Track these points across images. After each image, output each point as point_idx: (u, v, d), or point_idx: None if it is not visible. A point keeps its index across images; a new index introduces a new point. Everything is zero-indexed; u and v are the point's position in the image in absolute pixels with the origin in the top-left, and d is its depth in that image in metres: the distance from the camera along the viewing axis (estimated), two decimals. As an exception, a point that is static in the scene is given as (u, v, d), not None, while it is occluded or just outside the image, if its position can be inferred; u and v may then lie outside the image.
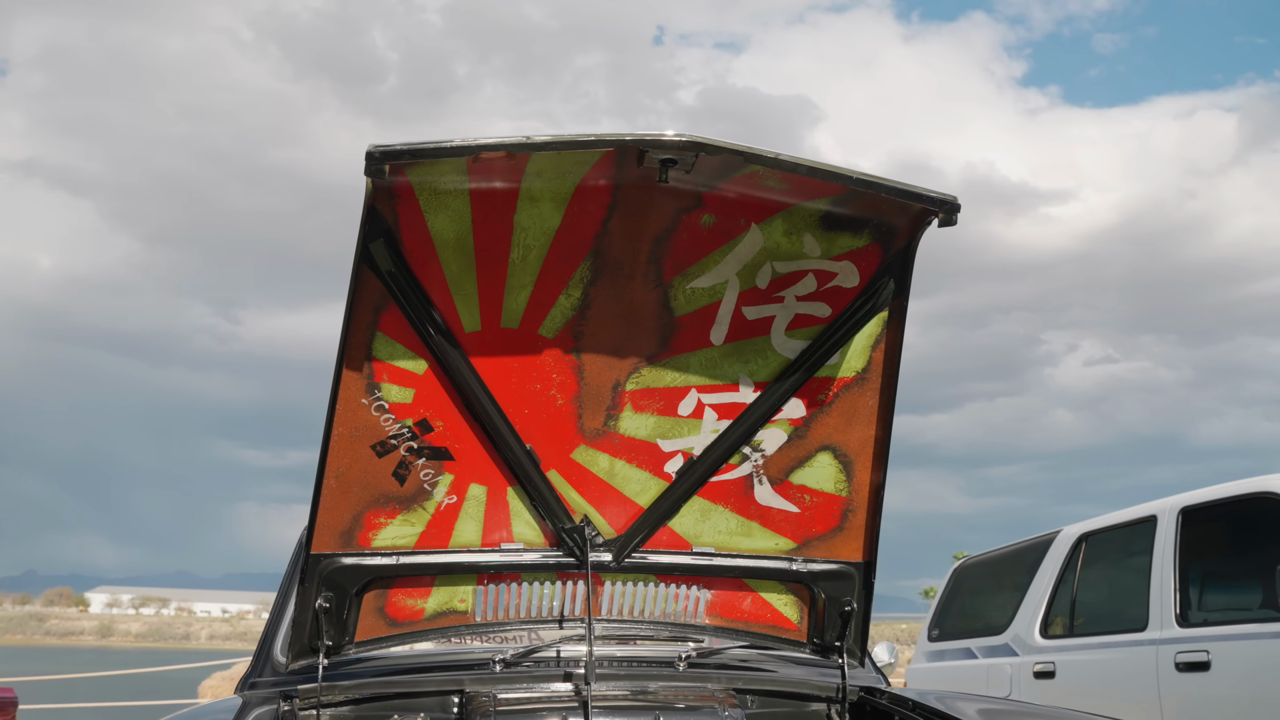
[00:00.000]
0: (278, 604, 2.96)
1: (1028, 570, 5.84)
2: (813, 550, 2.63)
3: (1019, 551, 6.13)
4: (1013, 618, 5.80)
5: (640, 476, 2.50)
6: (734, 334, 2.33)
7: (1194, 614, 4.50)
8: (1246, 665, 4.10)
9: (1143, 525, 4.93)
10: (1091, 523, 5.49)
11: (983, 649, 6.01)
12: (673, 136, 1.86)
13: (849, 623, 2.71)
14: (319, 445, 2.27)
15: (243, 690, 2.75)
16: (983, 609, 6.46)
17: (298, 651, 2.55)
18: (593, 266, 2.18)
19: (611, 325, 2.27)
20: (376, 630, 2.59)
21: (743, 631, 2.76)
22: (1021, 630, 5.66)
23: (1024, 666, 5.50)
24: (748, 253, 2.20)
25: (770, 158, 1.90)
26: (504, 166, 1.96)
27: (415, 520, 2.45)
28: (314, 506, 2.35)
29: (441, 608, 2.61)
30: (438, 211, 2.05)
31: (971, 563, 6.82)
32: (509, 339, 2.25)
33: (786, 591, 2.72)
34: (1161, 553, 4.70)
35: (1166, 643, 4.48)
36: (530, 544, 2.55)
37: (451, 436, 2.36)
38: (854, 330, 2.33)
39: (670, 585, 2.67)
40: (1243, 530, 4.48)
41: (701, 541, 2.61)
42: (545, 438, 2.40)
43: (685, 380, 2.38)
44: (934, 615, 6.80)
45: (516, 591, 2.62)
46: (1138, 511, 5.06)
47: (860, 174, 2.00)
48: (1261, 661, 4.03)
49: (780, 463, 2.51)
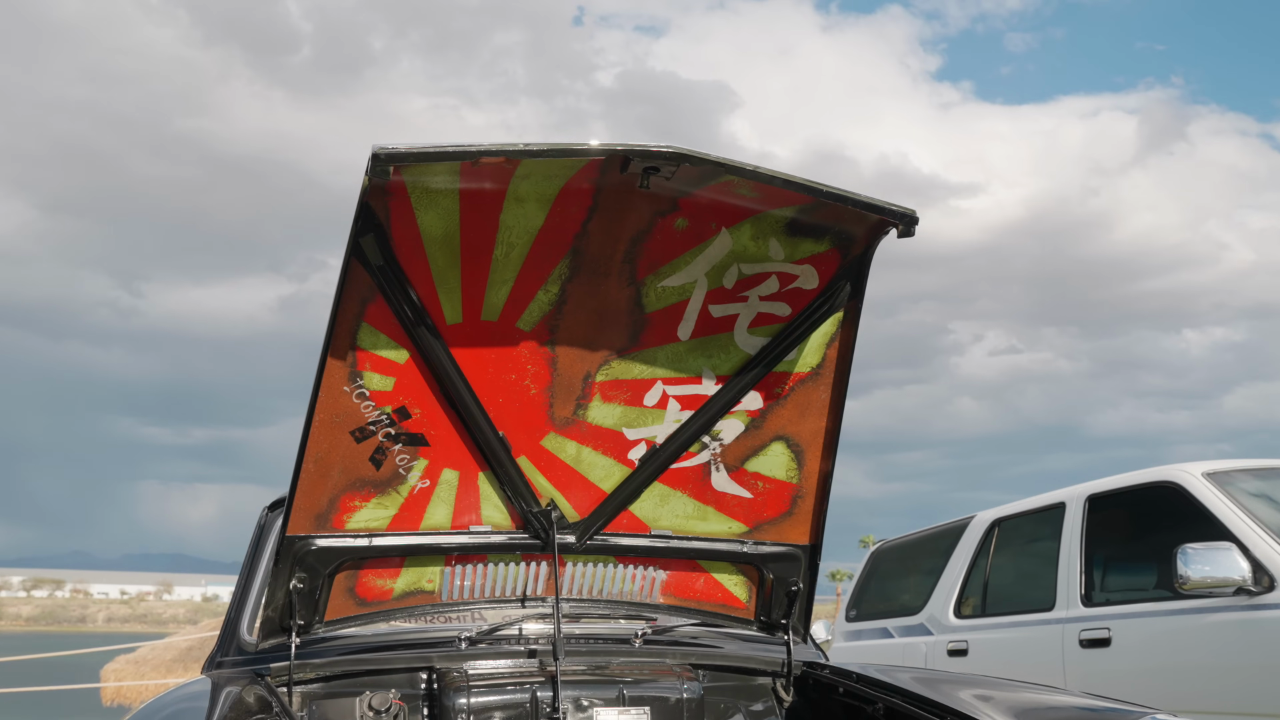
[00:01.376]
0: (242, 585, 3.02)
1: (943, 554, 6.14)
2: (763, 534, 2.79)
3: (934, 536, 6.43)
4: (928, 599, 6.09)
5: (605, 463, 2.63)
6: (700, 330, 2.47)
7: (1097, 594, 4.82)
8: (1142, 640, 4.42)
9: (1052, 511, 5.24)
10: (1003, 509, 5.80)
11: (899, 628, 6.30)
12: (660, 148, 1.99)
13: (795, 602, 2.89)
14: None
15: (209, 670, 2.80)
16: (899, 591, 6.76)
17: (268, 631, 2.62)
18: (571, 264, 2.29)
19: (586, 320, 2.39)
20: (346, 610, 2.67)
21: (695, 610, 2.92)
22: (936, 611, 5.95)
23: (938, 645, 5.79)
24: (717, 255, 2.35)
25: (749, 170, 2.05)
26: (495, 169, 2.07)
27: (389, 503, 2.54)
28: (292, 489, 2.42)
29: (410, 588, 2.70)
30: (428, 209, 2.14)
31: (888, 546, 7.12)
32: (488, 331, 2.36)
33: (737, 572, 2.88)
34: (1069, 538, 5.01)
35: (1072, 621, 4.79)
36: (498, 526, 2.66)
37: (428, 423, 2.45)
38: (811, 329, 2.49)
39: (629, 566, 2.81)
40: (1144, 517, 4.81)
41: (660, 525, 2.75)
42: (517, 425, 2.51)
43: (652, 373, 2.51)
44: (852, 596, 7.08)
45: (482, 572, 2.73)
46: (1047, 499, 5.38)
47: (829, 188, 2.15)
48: (1156, 637, 4.36)
49: (737, 451, 2.67)
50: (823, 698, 2.83)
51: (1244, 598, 3.99)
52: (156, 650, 13.66)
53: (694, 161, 2.02)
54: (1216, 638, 4.08)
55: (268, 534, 3.13)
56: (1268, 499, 4.45)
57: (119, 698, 12.98)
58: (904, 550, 6.91)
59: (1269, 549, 4.03)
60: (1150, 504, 4.71)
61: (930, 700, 2.37)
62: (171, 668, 13.17)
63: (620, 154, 2.00)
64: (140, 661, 13.33)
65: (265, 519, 3.21)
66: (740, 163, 2.04)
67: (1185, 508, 4.43)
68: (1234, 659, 4.01)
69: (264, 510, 3.29)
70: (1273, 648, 3.88)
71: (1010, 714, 2.20)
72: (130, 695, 12.96)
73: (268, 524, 3.18)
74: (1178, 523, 4.44)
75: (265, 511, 3.26)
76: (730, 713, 2.83)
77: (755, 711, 2.87)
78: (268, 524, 3.18)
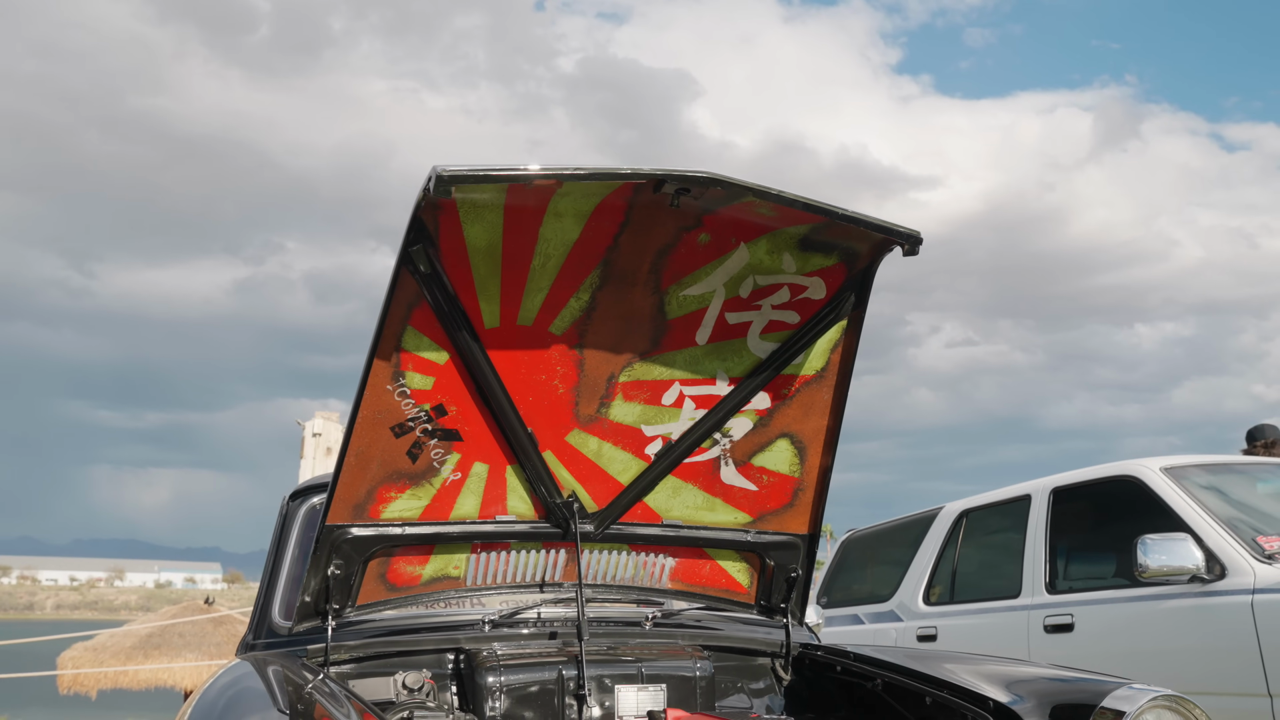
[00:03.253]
0: (269, 571, 3.17)
1: (912, 543, 6.40)
2: (766, 524, 3.00)
3: (903, 526, 6.70)
4: (898, 587, 6.36)
5: (624, 457, 2.82)
6: (716, 335, 2.67)
7: (1060, 582, 5.10)
8: (1103, 625, 4.70)
9: (1018, 503, 5.52)
10: (971, 500, 6.07)
11: (869, 615, 6.56)
12: (695, 173, 2.18)
13: (793, 587, 3.10)
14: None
15: (243, 654, 2.95)
16: (869, 579, 7.02)
17: (303, 615, 2.78)
18: (602, 274, 2.48)
19: (613, 325, 2.57)
20: (377, 594, 2.84)
21: (700, 595, 3.12)
22: (906, 598, 6.21)
23: (908, 630, 6.05)
24: (734, 267, 2.54)
25: (774, 194, 2.24)
26: (540, 188, 2.24)
27: (422, 494, 2.71)
28: (333, 481, 2.58)
29: (437, 574, 2.88)
30: (474, 222, 2.31)
31: (858, 536, 7.38)
32: (523, 335, 2.54)
33: (740, 559, 3.09)
34: (1034, 528, 5.28)
35: (1036, 608, 5.07)
36: (522, 516, 2.84)
37: (463, 420, 2.63)
38: (818, 335, 2.70)
39: (641, 553, 3.00)
40: (1105, 509, 5.10)
41: (671, 515, 2.95)
42: (545, 422, 2.69)
43: (671, 374, 2.71)
44: (823, 584, 7.34)
45: (505, 559, 2.91)
46: (1013, 491, 5.65)
47: (842, 210, 2.36)
48: (1115, 622, 4.65)
49: (745, 447, 2.87)
50: (818, 676, 3.05)
51: (1197, 585, 4.28)
52: (116, 637, 13.60)
53: (725, 186, 2.21)
54: (1172, 622, 4.37)
55: (290, 523, 3.28)
56: (1219, 492, 4.75)
57: (76, 686, 12.92)
58: (873, 539, 7.17)
59: (1220, 539, 4.32)
60: (1111, 497, 4.99)
61: (926, 675, 2.59)
62: (131, 655, 13.13)
63: (658, 177, 2.19)
64: (99, 649, 13.26)
65: (286, 508, 3.36)
66: (765, 187, 2.24)
67: (1144, 501, 4.70)
68: (1188, 642, 4.29)
69: (284, 500, 3.44)
70: (1223, 631, 4.16)
71: (1001, 685, 2.42)
72: (88, 683, 12.91)
73: (289, 513, 3.32)
74: (1136, 515, 4.71)
75: (286, 501, 3.40)
76: (733, 691, 3.04)
77: (756, 689, 3.08)
78: (289, 513, 3.32)
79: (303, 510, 3.30)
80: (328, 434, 10.04)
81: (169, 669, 12.96)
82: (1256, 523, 4.50)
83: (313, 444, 10.01)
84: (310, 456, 9.98)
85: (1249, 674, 4.02)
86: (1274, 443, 6.45)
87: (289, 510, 3.33)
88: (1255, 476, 5.04)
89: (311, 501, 3.31)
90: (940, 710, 2.48)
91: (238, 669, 2.60)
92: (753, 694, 3.06)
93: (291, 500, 3.38)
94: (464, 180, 2.07)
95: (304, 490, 3.39)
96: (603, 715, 2.70)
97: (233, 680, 2.44)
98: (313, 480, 3.49)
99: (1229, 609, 4.15)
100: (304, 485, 3.44)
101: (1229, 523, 4.41)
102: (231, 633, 13.43)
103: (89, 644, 13.81)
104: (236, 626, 13.62)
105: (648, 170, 2.17)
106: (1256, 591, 4.08)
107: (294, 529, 3.25)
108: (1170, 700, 2.22)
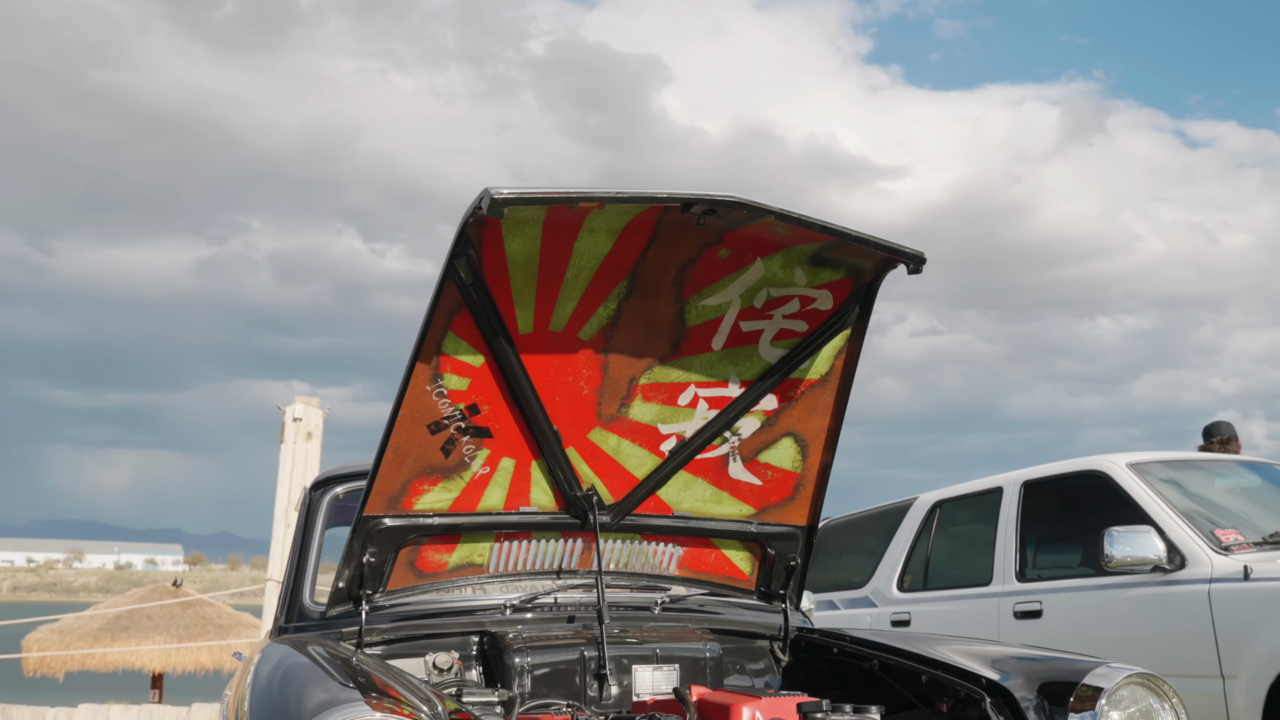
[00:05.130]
0: (297, 559, 3.33)
1: (886, 532, 6.67)
2: (768, 515, 3.21)
3: (877, 515, 6.96)
4: (872, 574, 6.62)
5: (640, 454, 3.02)
6: (730, 342, 2.87)
7: (1030, 571, 5.38)
8: (1070, 612, 4.99)
9: (990, 495, 5.79)
10: (944, 491, 6.34)
11: (844, 600, 6.82)
12: (724, 197, 2.38)
13: (791, 575, 3.32)
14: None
15: (276, 637, 3.11)
16: (844, 566, 7.29)
17: (337, 599, 2.96)
18: (629, 285, 2.67)
19: (636, 332, 2.77)
20: (405, 581, 3.02)
21: (704, 581, 3.33)
22: (880, 584, 6.48)
23: (882, 616, 6.32)
24: (751, 279, 2.74)
25: (794, 217, 2.45)
26: (579, 207, 2.43)
27: (452, 487, 2.89)
28: (372, 475, 2.75)
29: (462, 561, 3.07)
30: (515, 237, 2.49)
31: (833, 525, 7.64)
32: (554, 340, 2.72)
33: (743, 549, 3.30)
34: (1005, 519, 5.56)
35: (1007, 595, 5.35)
36: (543, 508, 3.03)
37: (494, 418, 2.81)
38: (824, 343, 2.91)
39: (652, 543, 3.21)
40: (1073, 502, 5.38)
41: (681, 507, 3.15)
42: (569, 420, 2.88)
43: (687, 377, 2.91)
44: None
45: (526, 548, 3.10)
46: (985, 483, 5.93)
47: (855, 231, 2.57)
48: (1082, 609, 4.93)
49: (752, 444, 3.08)
50: (814, 658, 3.27)
51: (1159, 574, 4.56)
52: (82, 620, 13.61)
53: (749, 208, 2.41)
54: (1136, 609, 4.65)
55: (315, 512, 3.45)
56: (1180, 487, 5.05)
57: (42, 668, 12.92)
58: (848, 528, 7.43)
59: (1181, 531, 4.61)
60: (1079, 490, 5.28)
61: (920, 655, 2.82)
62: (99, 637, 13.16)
63: (690, 199, 2.38)
64: (65, 631, 13.27)
65: (310, 498, 3.52)
66: (786, 210, 2.44)
67: (1110, 495, 4.99)
68: (1151, 628, 4.58)
69: (305, 490, 3.60)
70: (1182, 618, 4.45)
71: (991, 665, 2.65)
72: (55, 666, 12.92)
73: (313, 502, 3.49)
74: (1103, 508, 4.99)
75: (308, 491, 3.57)
76: (735, 671, 3.26)
77: (756, 670, 3.30)
78: (313, 502, 3.49)
79: (326, 500, 3.47)
80: (308, 419, 10.12)
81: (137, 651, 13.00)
82: (1214, 516, 4.81)
83: (293, 429, 10.08)
84: (290, 441, 10.06)
85: (1205, 657, 4.31)
86: (1229, 439, 6.78)
87: (312, 500, 3.50)
88: (1214, 473, 5.35)
89: (335, 491, 3.48)
90: (935, 688, 2.71)
91: (276, 649, 2.75)
92: (753, 674, 3.28)
93: (313, 490, 3.54)
94: (516, 202, 2.25)
95: (325, 480, 3.55)
96: (621, 693, 2.90)
97: (283, 657, 2.59)
98: (332, 471, 3.65)
99: (1188, 597, 4.44)
100: (325, 476, 3.60)
101: (1189, 516, 4.71)
102: (200, 616, 13.48)
103: (55, 626, 13.80)
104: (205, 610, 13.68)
105: (682, 194, 2.36)
106: (1213, 581, 4.37)
107: (318, 517, 3.42)
108: (1143, 677, 2.46)
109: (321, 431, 9.79)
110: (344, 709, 1.87)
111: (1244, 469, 5.52)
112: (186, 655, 12.96)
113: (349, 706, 1.88)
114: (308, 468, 9.34)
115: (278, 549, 8.93)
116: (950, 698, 2.65)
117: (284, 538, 8.94)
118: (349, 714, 1.84)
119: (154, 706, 9.02)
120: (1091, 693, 2.41)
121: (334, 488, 3.50)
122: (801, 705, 2.46)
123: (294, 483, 9.17)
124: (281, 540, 8.94)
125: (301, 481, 9.19)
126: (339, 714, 1.85)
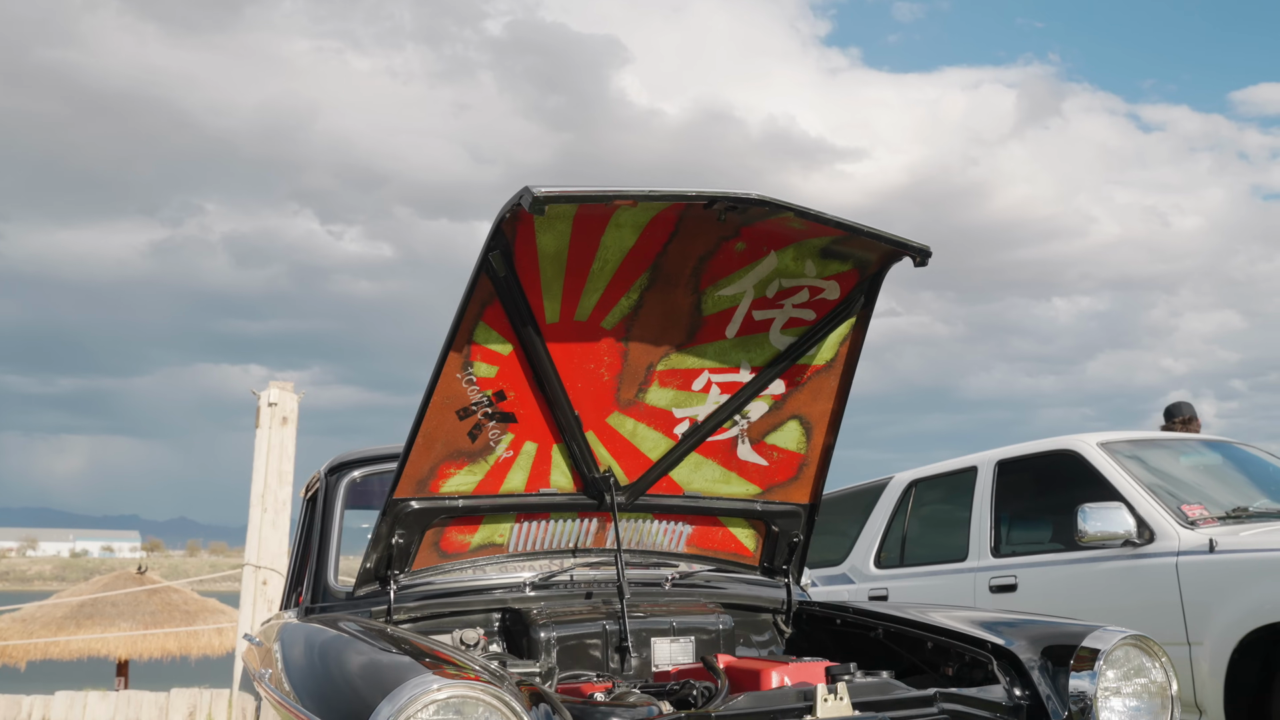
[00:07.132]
0: (320, 541, 3.43)
1: (863, 510, 6.88)
2: (773, 495, 3.37)
3: (854, 494, 7.17)
4: (849, 551, 6.83)
5: (654, 436, 3.15)
6: (743, 330, 3.01)
7: (1004, 547, 5.61)
8: (1044, 585, 5.22)
9: (965, 474, 6.02)
10: (920, 470, 6.56)
11: (822, 578, 7.03)
12: (747, 195, 2.52)
13: (794, 551, 3.49)
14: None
15: (303, 618, 3.21)
16: (821, 544, 7.49)
17: (364, 579, 3.07)
18: (650, 276, 2.80)
19: (655, 321, 2.90)
20: (429, 561, 3.13)
21: (711, 558, 3.49)
22: (858, 561, 6.69)
23: (860, 592, 6.53)
24: (764, 271, 2.89)
25: (813, 214, 2.59)
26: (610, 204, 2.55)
27: (477, 470, 3.01)
28: (403, 460, 2.86)
29: (484, 541, 3.19)
30: (546, 232, 2.61)
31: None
32: (578, 329, 2.85)
33: (749, 526, 3.46)
34: (980, 497, 5.78)
35: (983, 570, 5.57)
36: (562, 489, 3.16)
37: (519, 404, 2.93)
38: (830, 330, 3.06)
39: (663, 521, 3.35)
40: (1046, 480, 5.61)
41: (692, 487, 3.30)
42: (589, 405, 3.01)
43: (701, 363, 3.05)
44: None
45: (544, 528, 3.23)
46: (960, 462, 6.15)
47: (866, 227, 2.72)
48: (1056, 582, 5.17)
49: (760, 427, 3.23)
50: (815, 630, 3.44)
51: (1129, 549, 4.80)
52: (45, 609, 13.50)
53: (769, 205, 2.55)
54: (1107, 582, 4.89)
55: (334, 495, 3.55)
56: (1148, 465, 5.29)
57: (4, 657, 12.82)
58: (826, 506, 7.63)
59: (1150, 507, 4.85)
60: (1052, 469, 5.51)
61: (924, 622, 2.99)
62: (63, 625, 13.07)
63: (715, 197, 2.52)
64: (28, 620, 13.16)
65: (326, 482, 3.62)
66: (805, 207, 2.58)
67: (1082, 472, 5.22)
68: (1121, 600, 4.82)
69: (321, 474, 3.70)
70: (1151, 589, 4.69)
71: (994, 630, 2.83)
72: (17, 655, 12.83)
73: (330, 486, 3.59)
74: (1075, 485, 5.23)
75: (324, 475, 3.66)
76: (740, 643, 3.42)
77: (761, 641, 3.46)
78: (330, 486, 3.59)
79: (344, 483, 3.57)
80: (283, 404, 10.13)
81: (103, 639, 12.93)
82: (1180, 493, 5.05)
83: (268, 413, 10.09)
84: (266, 426, 10.07)
85: (1172, 626, 4.55)
86: (1190, 419, 7.06)
87: (329, 484, 3.60)
88: (1179, 451, 5.61)
89: (353, 475, 3.59)
90: (941, 654, 2.88)
91: (307, 627, 2.85)
92: (759, 645, 3.45)
93: (329, 475, 3.64)
94: (556, 200, 2.37)
95: (341, 465, 3.65)
96: (640, 664, 3.05)
97: (314, 633, 2.68)
98: (346, 455, 3.74)
99: (1156, 569, 4.68)
100: (340, 461, 3.70)
101: (1157, 493, 4.95)
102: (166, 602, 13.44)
103: (16, 615, 13.67)
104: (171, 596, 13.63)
105: (710, 192, 2.50)
106: (1180, 554, 4.62)
107: (336, 500, 3.52)
108: (1136, 639, 2.66)
109: (297, 416, 9.81)
110: (419, 680, 1.97)
111: (1205, 447, 5.79)
112: (153, 642, 12.92)
113: (424, 677, 1.98)
114: (283, 453, 9.37)
115: (254, 534, 8.95)
116: (955, 662, 2.83)
117: (260, 522, 8.97)
118: (423, 684, 1.94)
119: (132, 693, 9.02)
120: (1090, 654, 2.59)
121: (350, 471, 3.60)
122: (830, 668, 2.62)
123: (270, 468, 9.18)
124: (259, 525, 8.97)
125: (278, 466, 9.22)
126: (411, 688, 1.94)
